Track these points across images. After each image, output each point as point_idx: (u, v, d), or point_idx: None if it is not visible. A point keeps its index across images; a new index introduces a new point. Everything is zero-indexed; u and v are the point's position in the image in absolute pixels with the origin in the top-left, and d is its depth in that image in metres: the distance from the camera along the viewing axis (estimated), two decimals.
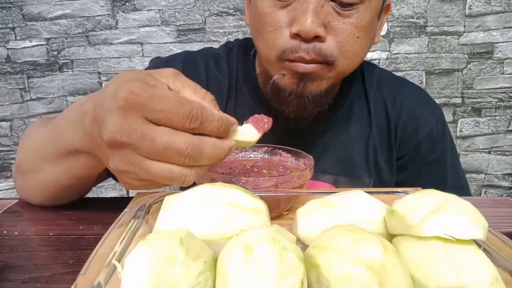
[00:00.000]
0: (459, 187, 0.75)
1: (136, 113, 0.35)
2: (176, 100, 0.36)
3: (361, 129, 0.73)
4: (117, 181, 0.41)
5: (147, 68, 0.76)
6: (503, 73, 1.73)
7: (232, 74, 0.75)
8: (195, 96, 0.40)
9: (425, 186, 0.41)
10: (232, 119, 0.40)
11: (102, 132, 0.37)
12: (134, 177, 0.38)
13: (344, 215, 0.38)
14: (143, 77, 0.38)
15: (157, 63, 0.76)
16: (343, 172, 0.72)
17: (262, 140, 0.45)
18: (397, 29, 1.68)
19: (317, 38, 0.56)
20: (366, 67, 0.77)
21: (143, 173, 0.37)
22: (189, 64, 0.75)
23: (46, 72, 1.73)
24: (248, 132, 0.43)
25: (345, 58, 0.58)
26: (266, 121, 0.44)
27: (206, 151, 0.37)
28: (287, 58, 0.58)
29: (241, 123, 0.44)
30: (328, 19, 0.55)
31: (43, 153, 0.54)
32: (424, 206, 0.34)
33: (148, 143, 0.35)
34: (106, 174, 0.59)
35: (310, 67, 0.57)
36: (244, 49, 0.75)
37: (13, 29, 1.67)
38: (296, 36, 0.56)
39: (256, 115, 0.44)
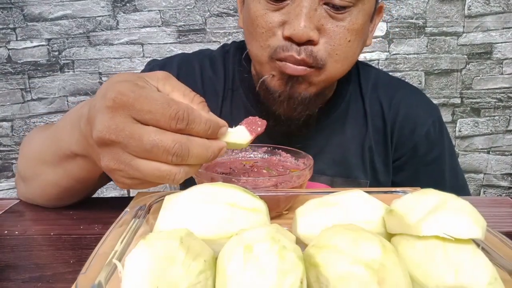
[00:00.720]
0: (458, 188, 0.75)
1: (124, 113, 0.36)
2: (163, 101, 0.36)
3: (357, 130, 0.73)
4: None
5: (143, 70, 0.77)
6: (502, 74, 1.73)
7: (227, 75, 0.75)
8: (184, 99, 0.40)
9: (423, 187, 0.41)
10: (222, 121, 0.41)
11: (92, 132, 0.38)
12: (125, 175, 0.38)
13: (343, 214, 0.38)
14: (133, 79, 0.38)
15: (154, 65, 0.77)
16: (339, 173, 0.72)
17: (261, 141, 0.44)
18: (396, 29, 1.68)
19: (310, 42, 0.55)
20: (362, 68, 0.76)
21: (133, 172, 0.37)
22: (184, 66, 0.75)
23: (47, 73, 1.73)
24: (240, 133, 0.43)
25: (335, 62, 0.58)
26: (260, 124, 0.44)
27: (193, 150, 0.37)
28: (278, 57, 0.57)
29: (236, 124, 0.44)
30: (321, 22, 0.55)
31: (43, 156, 0.54)
32: (423, 205, 0.34)
33: (136, 142, 0.36)
34: (107, 177, 0.59)
35: (299, 69, 0.57)
36: (241, 51, 0.75)
37: (14, 29, 1.68)
38: (288, 39, 0.56)
39: (250, 117, 0.44)
